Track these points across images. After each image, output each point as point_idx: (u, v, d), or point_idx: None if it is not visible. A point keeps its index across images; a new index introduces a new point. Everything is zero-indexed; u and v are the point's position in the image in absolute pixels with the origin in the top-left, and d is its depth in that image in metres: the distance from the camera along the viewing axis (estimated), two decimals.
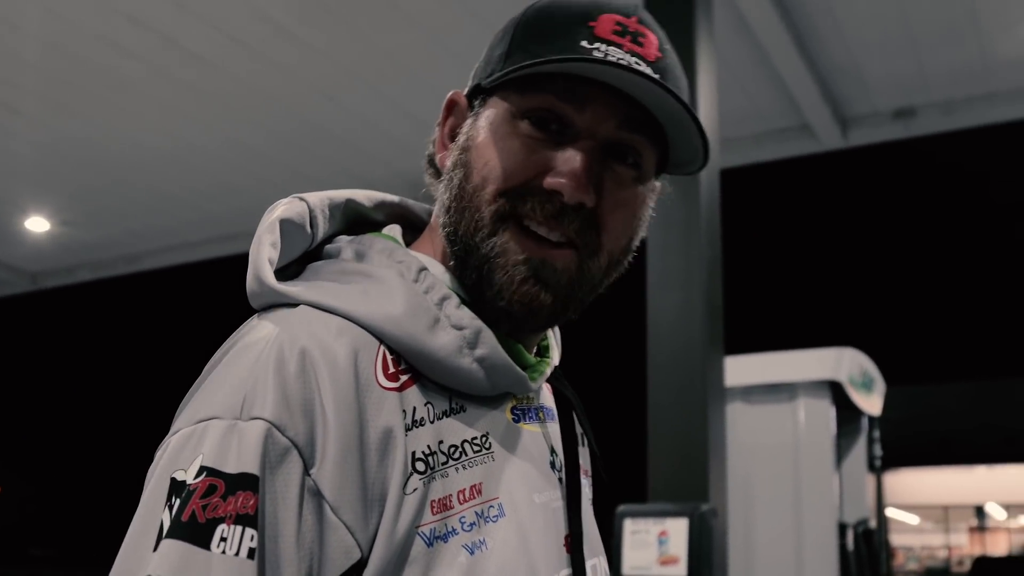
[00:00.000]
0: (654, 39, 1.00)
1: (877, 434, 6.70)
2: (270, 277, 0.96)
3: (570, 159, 0.96)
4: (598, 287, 1.05)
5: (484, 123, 1.01)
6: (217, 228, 9.12)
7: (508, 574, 0.92)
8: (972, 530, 26.91)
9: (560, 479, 1.06)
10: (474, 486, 0.94)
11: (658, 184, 1.09)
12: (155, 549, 0.81)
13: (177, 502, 0.82)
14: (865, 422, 6.52)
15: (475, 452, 0.95)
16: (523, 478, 1.00)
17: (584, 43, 0.96)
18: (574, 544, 1.05)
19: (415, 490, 0.89)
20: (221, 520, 0.80)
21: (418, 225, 1.14)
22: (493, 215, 0.97)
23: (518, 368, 0.99)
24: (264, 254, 0.98)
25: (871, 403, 6.39)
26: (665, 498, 4.04)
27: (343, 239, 1.05)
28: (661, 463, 4.14)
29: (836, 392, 5.86)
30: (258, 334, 0.92)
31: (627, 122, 0.99)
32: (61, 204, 8.70)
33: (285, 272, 1.01)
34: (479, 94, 1.05)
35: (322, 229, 1.05)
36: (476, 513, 0.93)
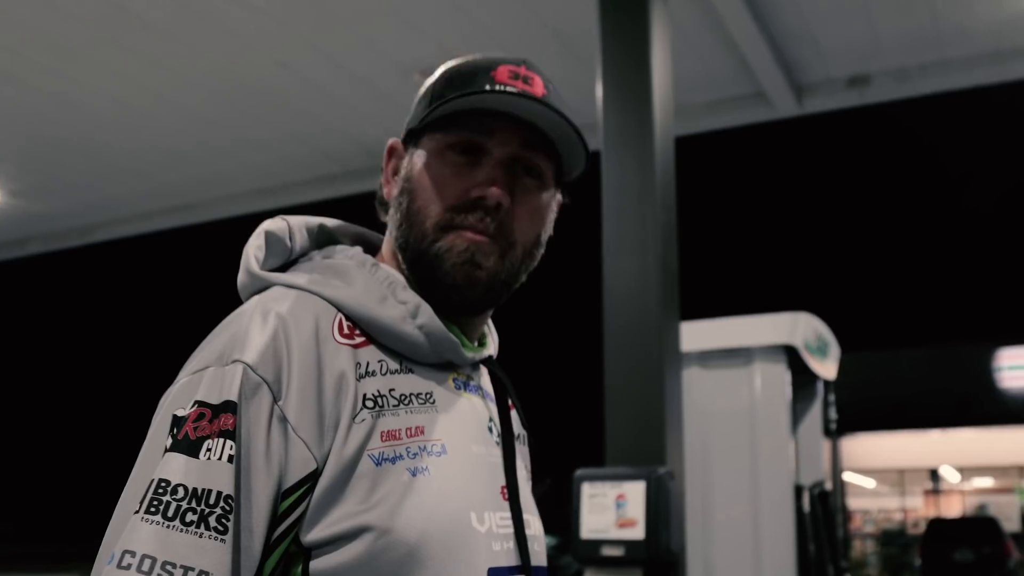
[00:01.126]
0: (539, 80, 1.30)
1: (832, 398, 6.76)
2: (255, 266, 1.27)
3: (489, 172, 1.25)
4: (519, 274, 1.32)
5: (419, 159, 1.30)
6: (170, 199, 9.03)
7: (446, 497, 1.15)
8: (927, 493, 27.37)
9: (497, 442, 1.30)
10: (418, 427, 1.18)
11: (558, 194, 1.37)
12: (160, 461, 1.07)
13: (175, 429, 1.08)
14: (821, 387, 6.58)
15: (420, 403, 1.20)
16: (462, 429, 1.23)
17: (487, 86, 1.25)
18: (511, 493, 1.27)
19: (363, 421, 1.14)
20: (208, 437, 1.07)
21: (376, 248, 1.39)
22: (435, 227, 1.25)
23: (452, 336, 1.25)
24: (251, 253, 1.29)
25: (826, 368, 6.45)
26: (622, 462, 4.06)
27: (315, 252, 1.34)
28: (618, 427, 4.16)
29: (792, 357, 5.90)
30: (243, 308, 1.21)
31: (526, 143, 1.28)
32: (9, 174, 8.56)
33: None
34: (411, 138, 1.33)
35: (299, 244, 1.33)
36: (419, 446, 1.16)
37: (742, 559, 5.65)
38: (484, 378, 1.35)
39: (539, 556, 1.31)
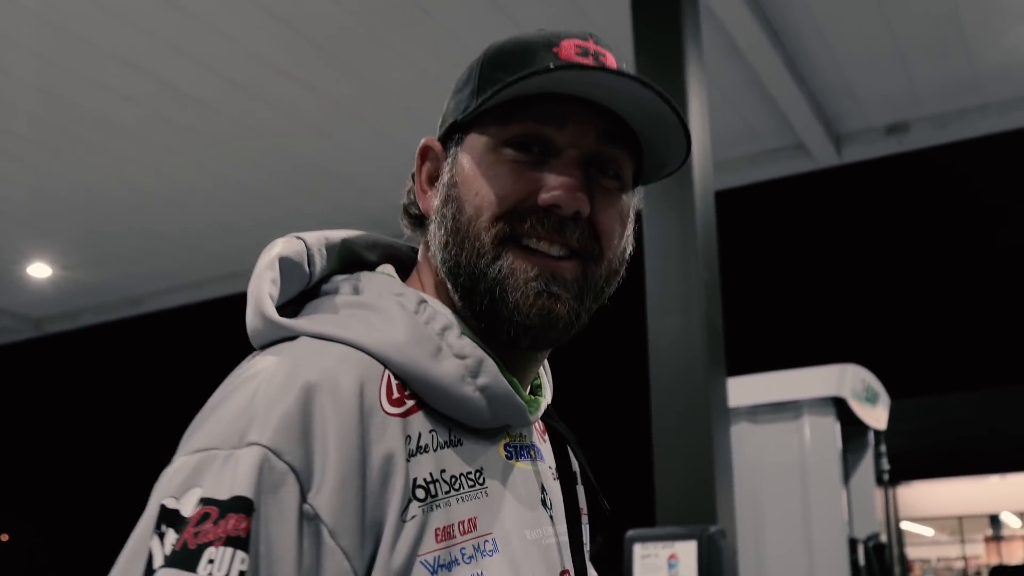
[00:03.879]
0: (612, 57, 1.06)
1: (884, 448, 6.70)
2: (273, 312, 0.98)
3: (561, 173, 1.00)
4: (603, 295, 1.07)
5: (466, 159, 1.04)
6: (218, 268, 9.16)
7: None
8: (988, 539, 26.75)
9: (551, 516, 1.07)
10: (471, 519, 0.94)
11: (636, 197, 1.12)
12: None
13: (169, 532, 0.81)
14: (871, 436, 6.52)
15: (470, 487, 0.96)
16: (515, 514, 1.00)
17: (552, 64, 0.99)
18: (579, 572, 1.06)
19: (414, 517, 0.89)
20: (210, 544, 0.79)
21: (408, 265, 1.16)
22: (493, 240, 0.99)
23: (518, 398, 1.01)
24: (265, 290, 0.99)
25: (876, 417, 6.40)
26: (673, 521, 4.05)
27: (339, 278, 1.06)
28: (668, 486, 4.15)
29: (840, 408, 5.87)
30: (259, 366, 0.92)
31: (605, 136, 1.03)
32: (63, 249, 8.74)
33: (283, 311, 1.01)
34: (454, 134, 1.08)
35: (319, 268, 1.05)
36: (474, 546, 0.93)
37: None
38: (533, 431, 1.12)
39: None
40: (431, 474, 0.92)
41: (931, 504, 25.33)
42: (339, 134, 6.72)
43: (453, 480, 0.94)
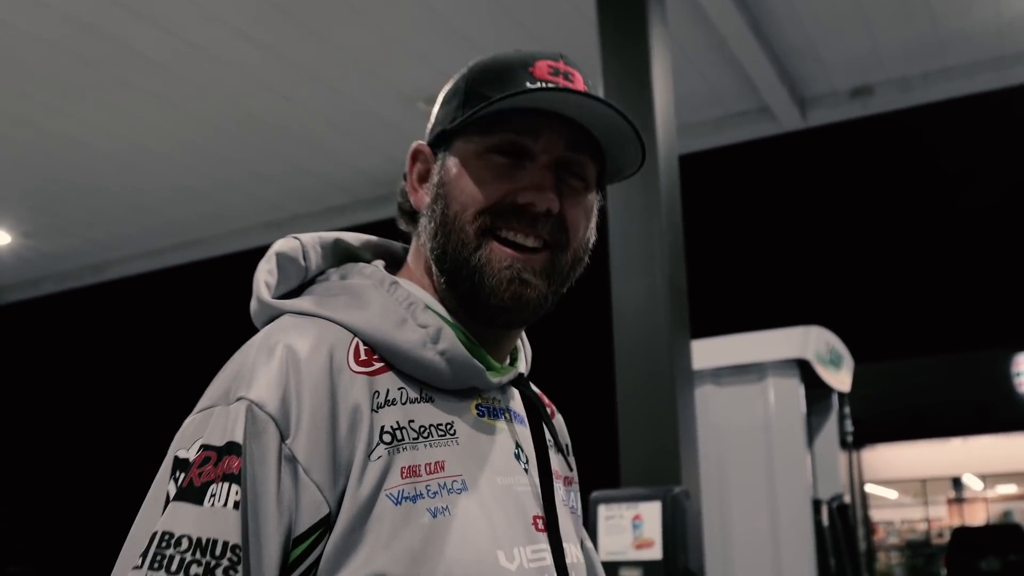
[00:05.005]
0: (579, 76, 1.23)
1: (848, 411, 6.74)
2: (265, 295, 1.19)
3: (536, 175, 1.18)
4: (568, 279, 1.25)
5: (454, 162, 1.21)
6: (181, 234, 9.08)
7: (469, 538, 1.06)
8: (950, 502, 27.15)
9: (525, 470, 1.20)
10: (438, 462, 1.09)
11: (599, 196, 1.30)
12: (162, 513, 1.01)
13: (180, 475, 1.02)
14: (835, 399, 6.56)
15: (440, 435, 1.11)
16: (485, 462, 1.15)
17: (528, 83, 1.18)
18: (549, 523, 1.19)
19: (379, 458, 1.05)
20: (212, 481, 0.99)
21: (401, 260, 1.32)
22: (476, 231, 1.17)
23: (476, 361, 1.16)
24: (261, 279, 1.21)
25: (840, 380, 6.44)
26: (638, 482, 4.06)
27: (331, 270, 1.25)
28: (632, 448, 4.16)
29: (804, 370, 5.90)
30: (251, 340, 1.13)
31: (572, 144, 1.20)
32: (21, 216, 8.63)
33: (285, 299, 1.21)
34: (443, 140, 1.24)
35: (315, 263, 1.24)
36: (439, 484, 1.07)
37: None
38: (514, 399, 1.27)
39: None
40: (397, 423, 1.08)
41: (894, 467, 25.65)
42: (299, 96, 6.65)
43: (422, 429, 1.10)
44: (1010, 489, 27.26)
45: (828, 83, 6.77)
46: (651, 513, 3.84)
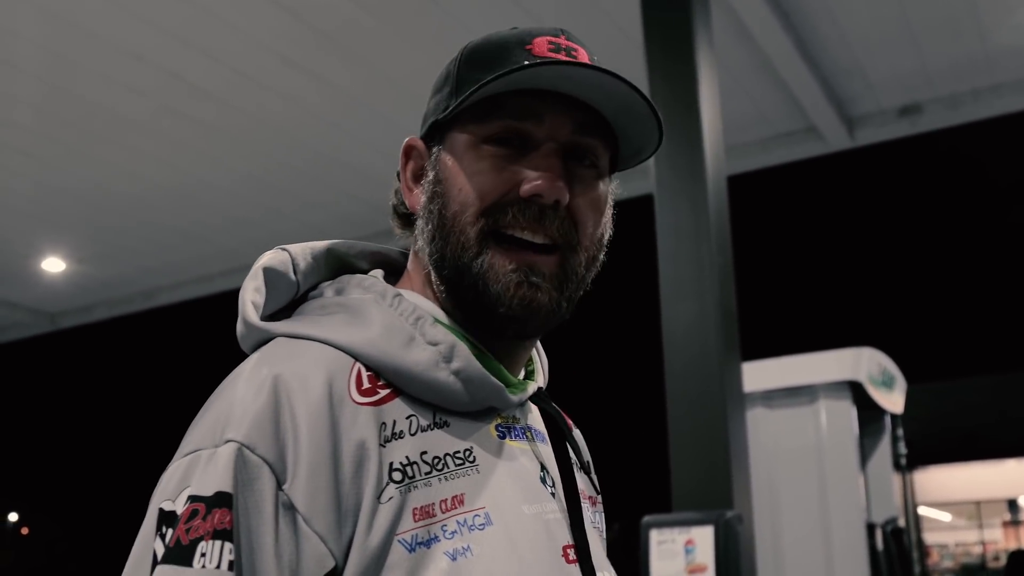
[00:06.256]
0: (584, 51, 1.08)
1: (901, 432, 6.66)
2: (252, 316, 1.05)
3: (542, 163, 1.04)
4: (584, 281, 1.10)
5: (448, 156, 1.08)
6: (230, 261, 9.17)
7: None
8: (1006, 524, 26.64)
9: (552, 494, 1.08)
10: (456, 496, 0.97)
11: (613, 183, 1.15)
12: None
13: (168, 531, 0.88)
14: (888, 421, 6.48)
15: (457, 465, 0.99)
16: (510, 489, 1.02)
17: (527, 62, 1.03)
18: (580, 554, 1.06)
19: (391, 499, 0.92)
20: (201, 538, 0.86)
21: (400, 268, 1.19)
22: (477, 235, 1.04)
23: (494, 379, 1.04)
24: (248, 298, 1.06)
25: (892, 401, 6.36)
26: (690, 506, 4.03)
27: (325, 284, 1.11)
28: (684, 472, 4.13)
29: (857, 392, 5.83)
30: (239, 370, 0.99)
31: (581, 127, 1.07)
32: (75, 243, 8.76)
33: (275, 318, 1.07)
34: (436, 133, 1.12)
35: (306, 277, 1.10)
36: (458, 522, 0.95)
37: None
38: (533, 415, 1.14)
39: None
40: (407, 457, 0.95)
41: (948, 489, 25.23)
42: (347, 123, 6.70)
43: (436, 461, 0.97)
44: None
45: (876, 102, 6.72)
46: (704, 538, 3.80)
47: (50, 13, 5.32)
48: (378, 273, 1.15)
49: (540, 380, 1.18)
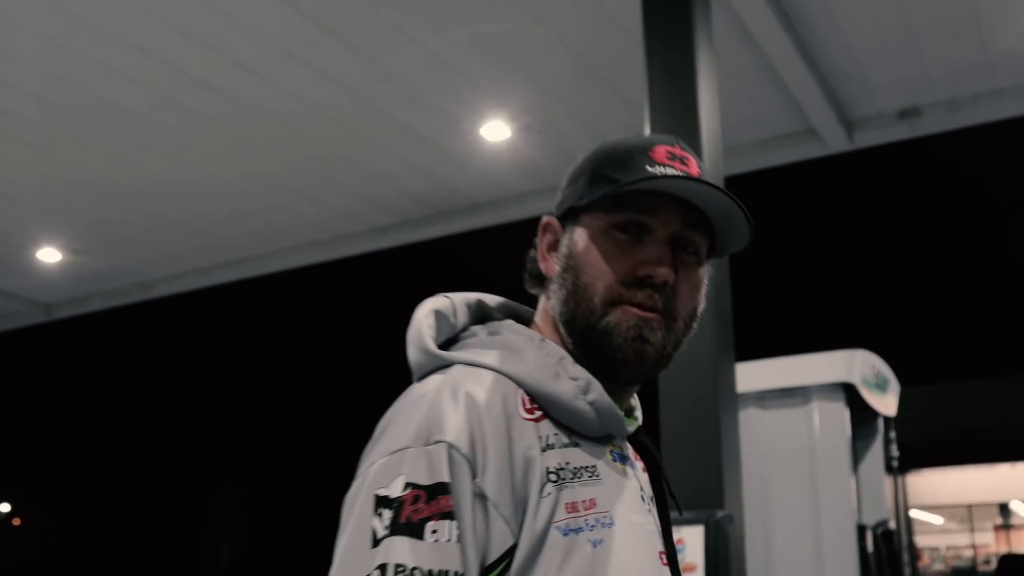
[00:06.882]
0: (694, 160, 1.38)
1: (893, 435, 6.68)
2: (433, 346, 1.33)
3: (655, 251, 1.32)
4: (680, 342, 1.38)
5: (581, 237, 1.36)
6: (228, 253, 9.17)
7: (623, 566, 1.22)
8: (997, 528, 26.70)
9: (649, 509, 1.36)
10: (591, 499, 1.25)
11: (708, 268, 1.44)
12: (373, 547, 1.12)
13: (386, 512, 1.14)
14: (881, 423, 6.50)
15: (589, 476, 1.27)
16: (624, 501, 1.30)
17: (648, 167, 1.32)
18: (670, 559, 1.36)
19: (549, 494, 1.20)
20: (429, 518, 1.12)
21: (526, 320, 1.46)
22: (603, 302, 1.31)
23: (619, 410, 1.32)
24: (425, 332, 1.34)
25: (886, 404, 6.38)
26: (681, 506, 4.03)
27: (476, 327, 1.40)
28: (675, 471, 4.14)
29: (850, 394, 5.85)
30: (428, 387, 1.26)
31: (687, 223, 1.35)
32: (72, 234, 8.76)
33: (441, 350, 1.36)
34: (570, 215, 1.39)
35: (460, 320, 1.40)
36: (595, 519, 1.23)
37: None
38: (629, 447, 1.41)
39: None
40: (558, 463, 1.23)
41: (940, 492, 25.26)
42: (348, 118, 6.71)
43: (576, 470, 1.25)
44: None
45: (875, 105, 6.73)
46: (694, 537, 3.82)
47: (53, 3, 5.32)
48: (509, 322, 1.41)
49: (639, 418, 1.46)
